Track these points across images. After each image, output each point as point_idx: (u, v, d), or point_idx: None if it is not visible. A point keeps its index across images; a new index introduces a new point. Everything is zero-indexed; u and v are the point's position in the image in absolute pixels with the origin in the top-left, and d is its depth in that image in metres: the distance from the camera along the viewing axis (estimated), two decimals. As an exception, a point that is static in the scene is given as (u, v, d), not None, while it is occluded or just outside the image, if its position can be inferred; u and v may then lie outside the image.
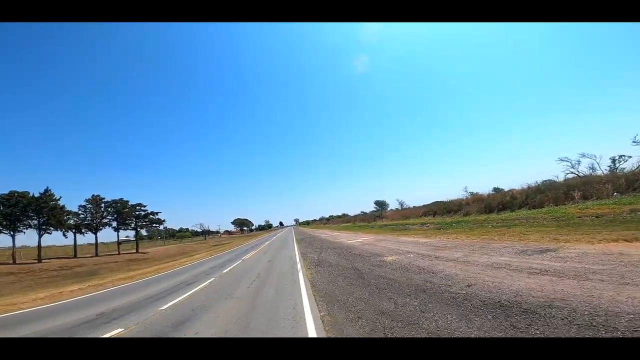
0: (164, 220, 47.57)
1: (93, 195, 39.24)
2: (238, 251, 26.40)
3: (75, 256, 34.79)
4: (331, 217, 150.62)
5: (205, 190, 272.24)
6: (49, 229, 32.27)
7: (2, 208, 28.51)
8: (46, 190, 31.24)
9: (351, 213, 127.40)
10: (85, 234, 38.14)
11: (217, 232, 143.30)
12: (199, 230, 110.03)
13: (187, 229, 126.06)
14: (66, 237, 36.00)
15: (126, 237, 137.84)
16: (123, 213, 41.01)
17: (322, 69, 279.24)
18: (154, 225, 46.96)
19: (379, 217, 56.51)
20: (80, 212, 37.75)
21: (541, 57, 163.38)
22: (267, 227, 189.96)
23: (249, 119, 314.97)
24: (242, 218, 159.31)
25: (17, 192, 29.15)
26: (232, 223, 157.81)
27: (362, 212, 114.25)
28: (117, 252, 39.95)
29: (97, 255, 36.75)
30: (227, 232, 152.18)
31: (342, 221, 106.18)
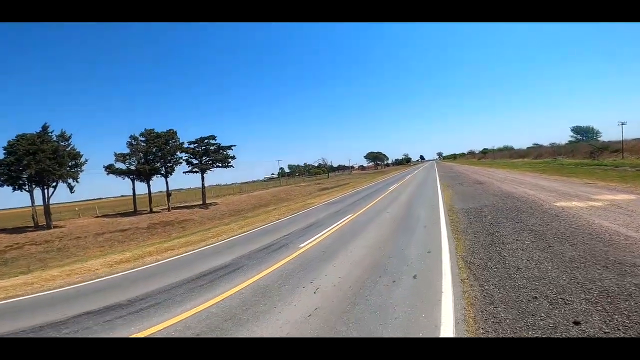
0: (233, 157, 33.35)
1: (146, 129, 28.03)
2: (340, 205, 15.62)
3: (135, 211, 27.83)
4: (486, 150, 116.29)
5: (347, 121, 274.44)
6: (54, 181, 21.93)
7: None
8: (44, 128, 21.97)
9: (496, 145, 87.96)
10: (142, 181, 28.22)
11: (351, 167, 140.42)
12: (327, 166, 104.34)
13: (326, 165, 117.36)
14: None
15: (271, 174, 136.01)
16: (164, 149, 28.03)
17: None
18: (222, 164, 32.55)
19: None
20: (128, 152, 27.31)
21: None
22: (405, 162, 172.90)
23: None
24: (376, 152, 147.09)
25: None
26: (365, 157, 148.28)
27: (534, 144, 77.66)
28: (167, 208, 28.96)
29: (151, 210, 27.83)
30: (362, 167, 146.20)
31: (507, 155, 74.98)
